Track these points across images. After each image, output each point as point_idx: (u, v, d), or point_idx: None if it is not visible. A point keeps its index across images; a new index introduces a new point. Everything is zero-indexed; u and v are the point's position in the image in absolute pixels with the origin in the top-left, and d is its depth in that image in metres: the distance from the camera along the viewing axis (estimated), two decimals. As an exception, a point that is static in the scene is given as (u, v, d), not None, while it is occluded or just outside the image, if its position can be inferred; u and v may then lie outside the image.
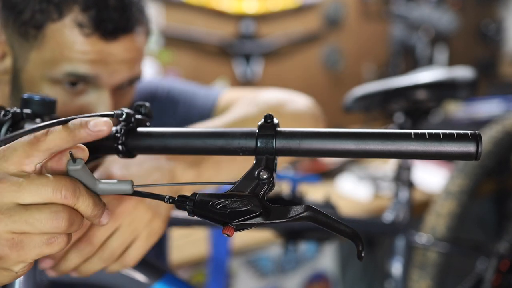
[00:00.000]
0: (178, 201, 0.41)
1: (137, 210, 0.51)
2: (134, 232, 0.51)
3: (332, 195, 0.99)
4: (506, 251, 1.14)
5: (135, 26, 0.66)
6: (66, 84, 0.65)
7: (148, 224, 0.51)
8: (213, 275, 1.09)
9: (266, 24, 2.16)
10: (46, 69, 0.64)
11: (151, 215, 0.51)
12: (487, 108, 2.12)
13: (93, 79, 0.65)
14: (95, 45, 0.63)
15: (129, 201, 0.51)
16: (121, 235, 0.50)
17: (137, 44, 0.67)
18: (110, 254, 0.50)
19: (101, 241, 0.49)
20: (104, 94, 0.67)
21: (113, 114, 0.44)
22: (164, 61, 1.98)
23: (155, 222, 0.52)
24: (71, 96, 0.66)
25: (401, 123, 1.00)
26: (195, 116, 0.85)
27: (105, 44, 0.63)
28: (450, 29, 2.25)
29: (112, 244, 0.49)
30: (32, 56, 0.64)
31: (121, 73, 0.66)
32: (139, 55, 0.68)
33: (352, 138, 0.40)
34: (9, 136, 0.35)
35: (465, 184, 1.34)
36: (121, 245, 0.50)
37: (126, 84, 0.69)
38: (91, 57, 0.63)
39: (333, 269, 1.65)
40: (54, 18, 0.62)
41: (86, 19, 0.62)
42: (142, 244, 0.51)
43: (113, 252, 0.50)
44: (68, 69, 0.63)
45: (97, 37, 0.63)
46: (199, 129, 0.45)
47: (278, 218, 0.39)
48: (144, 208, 0.51)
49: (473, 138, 0.38)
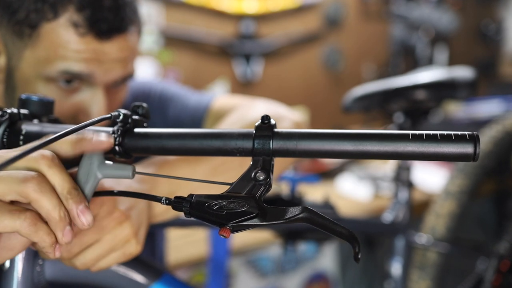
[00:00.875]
0: (175, 202, 0.41)
1: (121, 227, 0.50)
2: (112, 249, 0.50)
3: (331, 195, 0.99)
4: (506, 251, 1.14)
5: (129, 26, 0.67)
6: (61, 82, 0.65)
7: (126, 244, 0.51)
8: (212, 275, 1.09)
9: (266, 24, 2.16)
10: (41, 68, 0.64)
11: (132, 235, 0.51)
12: (487, 108, 2.11)
13: (87, 77, 0.65)
14: (90, 44, 0.64)
15: (117, 216, 0.50)
16: (99, 248, 0.49)
17: (130, 43, 0.68)
18: (82, 263, 0.49)
19: (79, 250, 0.48)
20: (98, 92, 0.67)
21: (111, 117, 0.44)
22: (164, 61, 1.98)
23: (132, 244, 0.51)
24: (65, 94, 0.66)
25: (401, 123, 1.00)
26: (186, 119, 0.85)
27: (99, 44, 0.64)
28: (450, 29, 2.25)
29: (87, 255, 0.49)
30: (26, 54, 0.65)
31: (114, 71, 0.67)
32: (132, 54, 0.69)
33: (350, 139, 0.40)
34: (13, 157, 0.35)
35: (465, 184, 1.34)
36: (95, 258, 0.49)
37: (119, 82, 0.70)
38: (86, 56, 0.64)
39: (333, 269, 1.65)
40: (49, 18, 0.63)
41: (81, 19, 0.63)
42: (112, 260, 0.50)
43: (85, 262, 0.49)
44: (62, 67, 0.64)
45: (91, 37, 0.63)
46: (196, 130, 0.45)
47: (275, 219, 0.39)
48: (128, 226, 0.50)
49: (471, 139, 0.38)
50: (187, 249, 1.36)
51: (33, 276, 0.50)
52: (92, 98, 0.67)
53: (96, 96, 0.67)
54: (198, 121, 0.84)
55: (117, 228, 0.49)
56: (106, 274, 0.54)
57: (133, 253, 0.51)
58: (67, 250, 0.48)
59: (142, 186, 0.54)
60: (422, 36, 2.34)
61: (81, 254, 0.49)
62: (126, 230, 0.50)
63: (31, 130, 0.48)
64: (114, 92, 0.71)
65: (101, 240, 0.49)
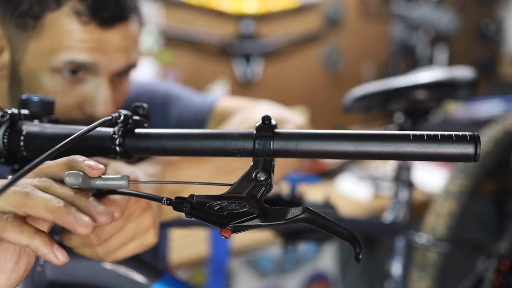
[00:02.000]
0: (176, 202, 0.41)
1: (144, 215, 0.51)
2: (133, 237, 0.51)
3: (332, 195, 0.99)
4: (506, 251, 1.14)
5: (130, 14, 0.68)
6: (66, 72, 0.66)
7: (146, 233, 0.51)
8: (213, 275, 1.09)
9: (266, 24, 2.16)
10: (45, 59, 0.65)
11: (152, 224, 0.51)
12: (487, 108, 2.11)
13: (92, 67, 0.66)
14: (93, 33, 0.65)
15: (142, 204, 0.51)
16: (122, 236, 0.50)
17: (132, 32, 0.69)
18: (106, 250, 0.50)
19: (108, 236, 0.49)
20: (102, 82, 0.68)
21: (111, 118, 0.44)
22: (164, 61, 1.98)
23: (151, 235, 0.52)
24: (70, 85, 0.67)
25: (401, 123, 1.00)
26: (189, 119, 0.86)
27: (103, 32, 0.65)
28: (450, 29, 2.25)
29: (111, 242, 0.49)
30: (31, 46, 0.66)
31: (118, 60, 0.68)
32: (134, 43, 0.71)
33: (350, 139, 0.40)
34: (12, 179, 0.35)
35: (465, 184, 1.34)
36: (117, 246, 0.50)
37: (123, 73, 0.71)
38: (89, 45, 0.65)
39: (333, 269, 1.65)
40: (52, 8, 0.64)
41: (83, 7, 0.64)
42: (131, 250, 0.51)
43: (108, 249, 0.50)
44: (67, 58, 0.65)
45: (94, 25, 0.65)
46: (197, 131, 0.45)
47: (276, 220, 0.39)
48: (150, 216, 0.51)
49: (472, 140, 0.38)
50: (188, 249, 1.36)
51: (34, 276, 0.50)
52: (97, 88, 0.68)
53: (101, 86, 0.68)
54: (202, 121, 0.85)
55: (140, 216, 0.50)
56: (107, 274, 0.55)
57: (150, 244, 0.52)
58: (97, 236, 0.48)
59: (149, 184, 0.54)
60: (422, 36, 2.34)
61: (106, 241, 0.49)
62: (148, 219, 0.51)
63: (32, 130, 0.48)
64: (119, 83, 0.72)
65: (125, 227, 0.50)
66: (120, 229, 0.49)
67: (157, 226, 0.53)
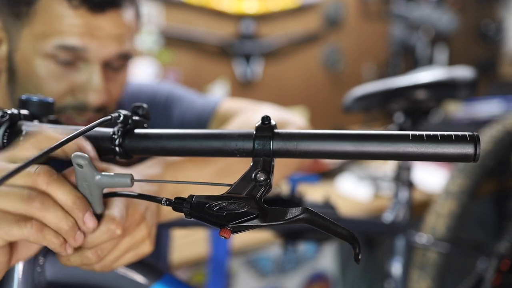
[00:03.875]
0: (175, 203, 0.41)
1: (139, 228, 0.51)
2: (128, 250, 0.50)
3: (332, 195, 0.99)
4: (507, 251, 1.14)
5: (123, 1, 0.68)
6: (58, 58, 0.67)
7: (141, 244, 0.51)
8: (213, 275, 1.09)
9: (266, 24, 2.16)
10: (38, 44, 0.66)
11: (147, 235, 0.51)
12: (487, 108, 2.11)
13: (83, 52, 0.67)
14: (83, 18, 0.65)
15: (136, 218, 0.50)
16: (118, 250, 0.49)
17: (125, 20, 0.69)
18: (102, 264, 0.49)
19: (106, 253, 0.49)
20: (95, 69, 0.69)
21: (111, 118, 0.44)
22: (164, 61, 1.98)
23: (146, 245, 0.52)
24: (63, 71, 0.68)
25: (401, 123, 1.00)
26: (191, 119, 0.86)
27: (93, 17, 0.66)
28: (450, 29, 2.25)
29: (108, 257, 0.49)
30: (24, 33, 0.67)
31: (110, 47, 0.68)
32: (128, 31, 0.71)
33: (350, 139, 0.40)
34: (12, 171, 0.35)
35: (465, 184, 1.34)
36: (113, 260, 0.50)
37: (115, 60, 0.71)
38: (80, 30, 0.65)
39: (333, 269, 1.65)
40: None
41: None
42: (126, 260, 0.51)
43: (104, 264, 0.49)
44: (57, 42, 0.65)
45: (84, 10, 0.65)
46: (196, 131, 0.45)
47: (275, 220, 0.39)
48: (144, 228, 0.51)
49: (472, 140, 0.37)
50: (188, 249, 1.36)
51: (33, 277, 0.50)
52: (89, 76, 0.69)
53: (94, 74, 0.69)
54: (204, 123, 0.85)
55: (135, 229, 0.50)
56: (107, 274, 0.54)
57: (146, 253, 0.52)
58: (96, 255, 0.48)
59: (149, 186, 0.54)
60: (422, 36, 2.34)
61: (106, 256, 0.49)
62: (142, 231, 0.51)
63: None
64: (115, 74, 0.73)
65: (121, 241, 0.49)
66: (116, 244, 0.49)
67: (153, 234, 0.53)
